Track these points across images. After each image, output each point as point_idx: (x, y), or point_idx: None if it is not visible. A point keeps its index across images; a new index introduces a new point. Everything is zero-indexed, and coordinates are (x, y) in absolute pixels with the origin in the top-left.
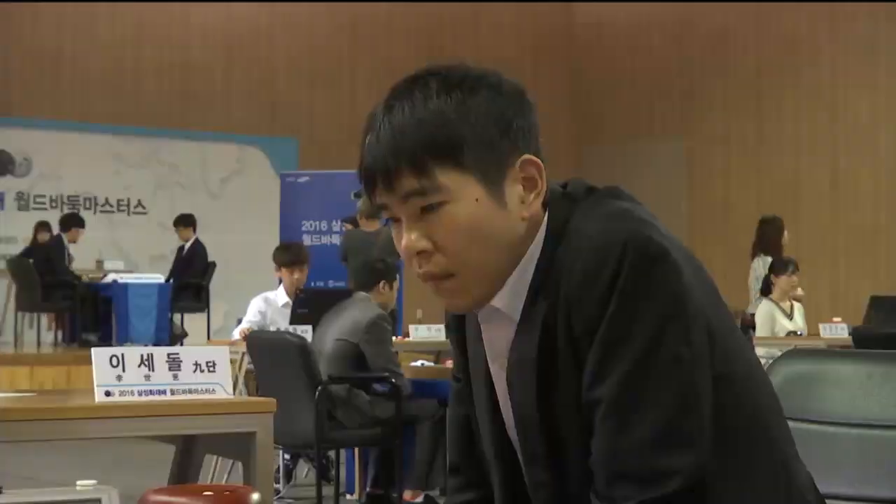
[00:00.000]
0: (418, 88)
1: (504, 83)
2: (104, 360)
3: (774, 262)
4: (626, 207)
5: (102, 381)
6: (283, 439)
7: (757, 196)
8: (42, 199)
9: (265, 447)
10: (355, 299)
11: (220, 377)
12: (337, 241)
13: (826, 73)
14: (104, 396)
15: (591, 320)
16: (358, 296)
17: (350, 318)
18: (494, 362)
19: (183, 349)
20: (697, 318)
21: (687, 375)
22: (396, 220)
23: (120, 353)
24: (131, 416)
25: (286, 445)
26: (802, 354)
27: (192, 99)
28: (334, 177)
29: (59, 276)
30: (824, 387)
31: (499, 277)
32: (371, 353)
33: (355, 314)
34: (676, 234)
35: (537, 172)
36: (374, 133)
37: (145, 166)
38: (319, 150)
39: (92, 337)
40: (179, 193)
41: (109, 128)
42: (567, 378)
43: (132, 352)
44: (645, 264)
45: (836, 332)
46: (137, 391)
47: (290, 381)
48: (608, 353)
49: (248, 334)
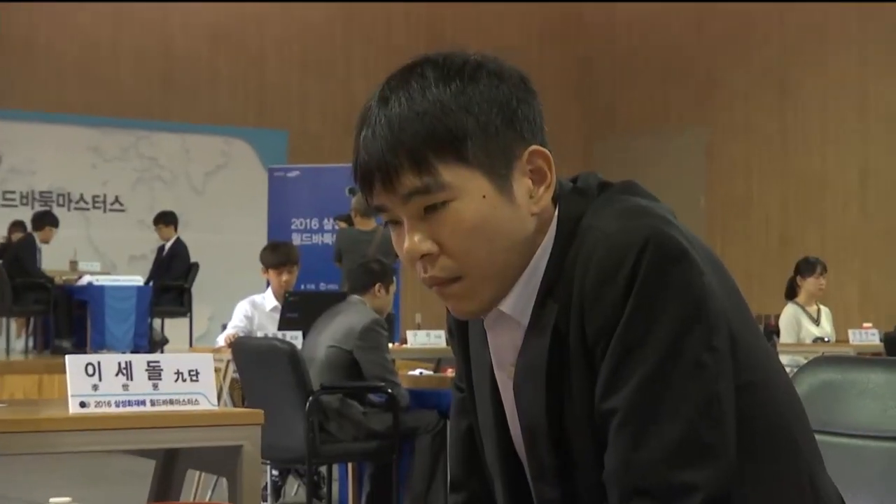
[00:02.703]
0: (414, 78)
1: (505, 69)
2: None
3: (800, 264)
4: (643, 204)
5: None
6: (271, 453)
7: (781, 191)
8: (12, 195)
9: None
10: (349, 303)
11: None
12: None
13: (854, 61)
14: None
15: (605, 324)
16: (352, 299)
17: (343, 323)
18: (501, 370)
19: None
20: (720, 321)
21: (709, 383)
22: (395, 223)
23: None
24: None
25: (274, 460)
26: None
27: (174, 87)
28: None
29: (31, 277)
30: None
31: (508, 279)
32: (366, 360)
33: (349, 319)
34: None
35: (546, 164)
36: (369, 128)
37: (123, 160)
38: (310, 142)
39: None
40: (160, 189)
41: (85, 119)
42: (579, 386)
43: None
44: (664, 264)
45: (867, 337)
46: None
47: (279, 390)
48: (624, 360)
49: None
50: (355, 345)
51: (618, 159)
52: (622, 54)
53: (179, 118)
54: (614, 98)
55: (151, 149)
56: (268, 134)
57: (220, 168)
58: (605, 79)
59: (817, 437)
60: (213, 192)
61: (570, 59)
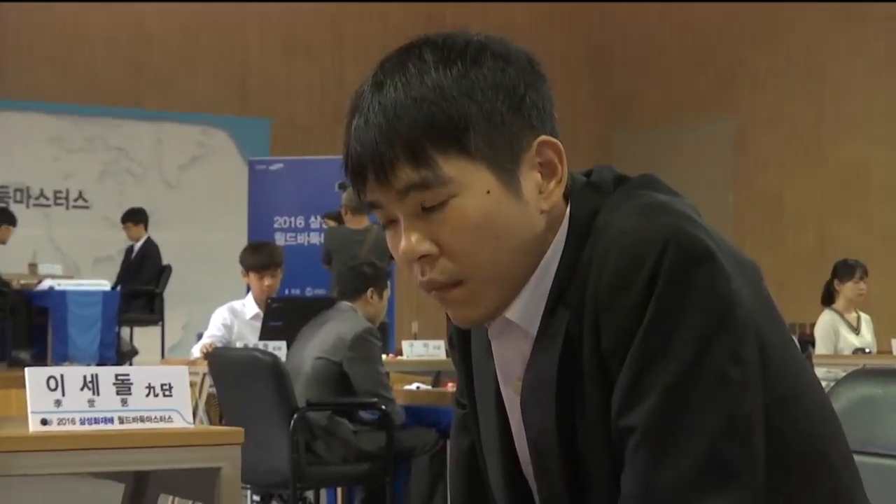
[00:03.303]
0: (412, 61)
1: (512, 51)
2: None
3: (838, 266)
4: (663, 200)
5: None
6: (252, 476)
7: (816, 186)
8: None
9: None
10: (338, 310)
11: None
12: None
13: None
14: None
15: (622, 332)
16: (341, 306)
17: (332, 332)
18: (507, 384)
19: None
20: (748, 330)
21: (736, 398)
22: (390, 221)
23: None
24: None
25: (256, 484)
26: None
27: (146, 71)
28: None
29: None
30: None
31: (516, 283)
32: (357, 373)
33: (338, 328)
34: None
35: (556, 156)
36: (362, 116)
37: (89, 151)
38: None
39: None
40: (129, 183)
41: (46, 105)
42: (593, 401)
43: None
44: (688, 266)
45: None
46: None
47: (261, 407)
48: (643, 372)
49: (211, 352)
50: (345, 356)
51: (635, 151)
52: (640, 36)
53: (151, 105)
54: (631, 84)
55: (120, 139)
56: (249, 123)
57: (195, 160)
58: (622, 63)
59: (856, 457)
60: (188, 186)
61: (583, 42)
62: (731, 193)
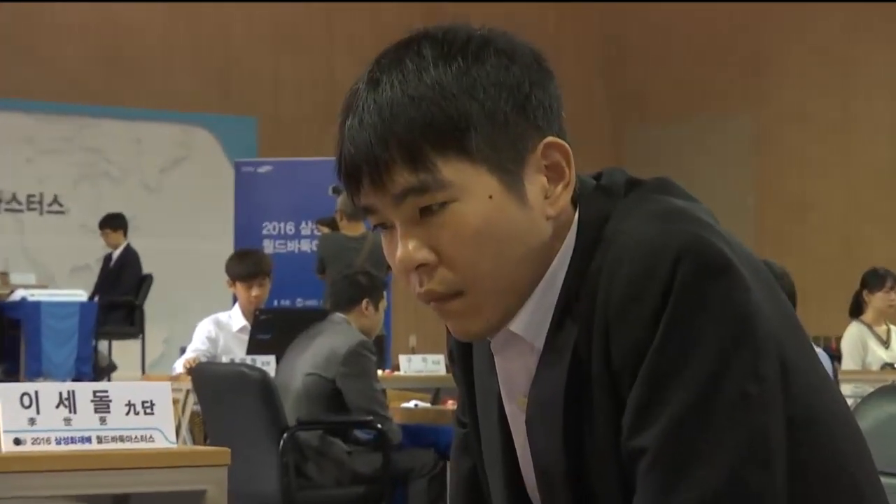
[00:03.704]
0: (410, 57)
1: (517, 46)
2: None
3: (867, 275)
4: (679, 205)
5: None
6: (238, 500)
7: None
8: None
9: None
10: (331, 322)
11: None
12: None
13: None
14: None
15: (634, 347)
16: (334, 318)
17: (324, 346)
18: (511, 401)
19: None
20: (769, 345)
21: (755, 418)
22: (387, 227)
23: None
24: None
25: None
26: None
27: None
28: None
29: None
30: None
31: (520, 294)
32: (351, 390)
33: (331, 341)
34: (741, 237)
35: (564, 158)
36: (356, 115)
37: (64, 153)
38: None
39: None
40: (107, 187)
41: (17, 103)
42: (603, 421)
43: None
44: (704, 277)
45: None
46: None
47: (248, 426)
48: (656, 390)
49: (195, 367)
50: (338, 372)
51: (649, 151)
52: (655, 28)
53: (129, 103)
54: (645, 80)
55: (97, 139)
56: (234, 121)
57: (177, 162)
58: (635, 57)
59: (884, 479)
60: (170, 190)
61: (594, 34)
62: (752, 196)
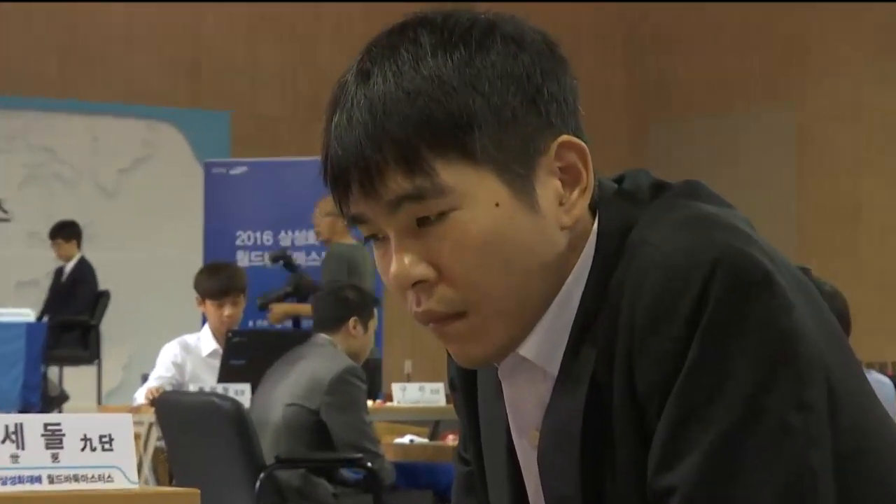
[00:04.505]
0: (405, 45)
1: (526, 32)
2: None
3: None
4: (711, 212)
5: None
6: None
7: None
8: None
9: None
10: (314, 345)
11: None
12: None
13: None
14: None
15: (662, 374)
16: (318, 340)
17: (306, 372)
18: (521, 435)
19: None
20: (814, 371)
21: (798, 453)
22: (380, 239)
23: None
24: None
25: None
26: None
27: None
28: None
29: None
30: None
31: (531, 313)
32: (337, 423)
33: (314, 367)
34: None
35: (580, 159)
36: (345, 112)
37: (8, 152)
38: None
39: None
40: (59, 191)
41: None
42: (625, 457)
43: None
44: (741, 292)
45: None
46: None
47: (220, 463)
48: (686, 423)
49: (159, 397)
50: (323, 402)
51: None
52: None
53: (85, 95)
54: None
55: (47, 137)
56: (204, 116)
57: (139, 162)
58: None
59: None
60: (131, 194)
61: (615, 19)
62: (795, 201)
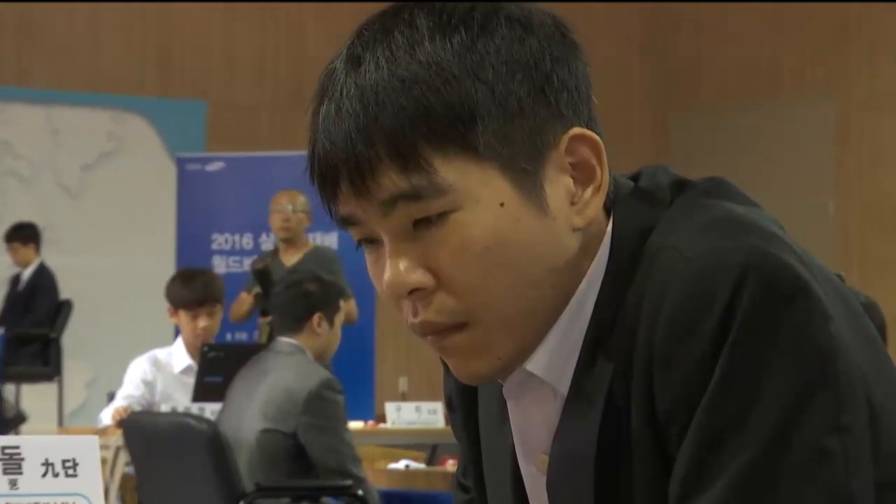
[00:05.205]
0: (400, 28)
1: (534, 14)
2: None
3: None
4: (738, 212)
5: None
6: None
7: None
8: None
9: None
10: (278, 353)
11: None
12: None
13: None
14: None
15: (685, 393)
16: (281, 346)
17: (278, 389)
18: (528, 460)
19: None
20: (853, 388)
21: (836, 478)
22: (373, 242)
23: None
24: None
25: None
26: None
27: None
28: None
29: None
30: None
31: (539, 325)
32: (316, 445)
33: (286, 383)
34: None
35: (594, 154)
36: (333, 102)
37: None
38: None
39: None
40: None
41: None
42: (643, 484)
43: None
44: (774, 302)
45: None
46: None
47: (195, 491)
48: (712, 446)
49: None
50: (300, 422)
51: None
52: None
53: (44, 83)
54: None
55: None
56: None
57: (104, 158)
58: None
59: None
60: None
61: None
62: (833, 201)
